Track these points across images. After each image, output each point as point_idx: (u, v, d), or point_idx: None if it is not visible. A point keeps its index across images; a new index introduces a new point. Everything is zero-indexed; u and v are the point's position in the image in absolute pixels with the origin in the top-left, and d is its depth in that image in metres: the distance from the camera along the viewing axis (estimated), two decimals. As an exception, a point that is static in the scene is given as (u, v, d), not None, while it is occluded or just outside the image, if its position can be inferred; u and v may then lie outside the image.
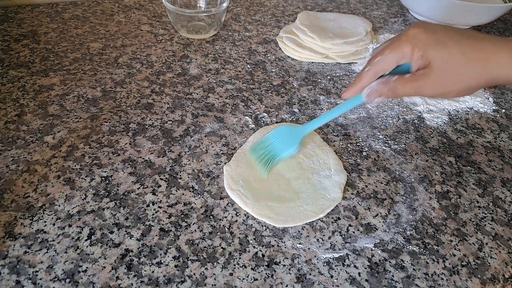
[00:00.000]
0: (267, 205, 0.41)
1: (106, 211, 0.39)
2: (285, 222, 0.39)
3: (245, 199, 0.41)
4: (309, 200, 0.42)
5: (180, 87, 0.57)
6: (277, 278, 0.35)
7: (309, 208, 0.41)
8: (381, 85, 0.38)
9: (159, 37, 0.69)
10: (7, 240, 0.36)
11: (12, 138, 0.46)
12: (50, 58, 0.60)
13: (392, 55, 0.38)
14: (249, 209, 0.40)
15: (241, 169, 0.44)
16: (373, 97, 0.39)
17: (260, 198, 0.41)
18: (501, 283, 0.37)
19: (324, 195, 0.42)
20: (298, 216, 0.40)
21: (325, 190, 0.43)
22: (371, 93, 0.39)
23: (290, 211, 0.40)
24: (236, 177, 0.43)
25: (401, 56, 0.37)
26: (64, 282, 0.33)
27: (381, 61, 0.38)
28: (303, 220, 0.40)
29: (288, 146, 0.45)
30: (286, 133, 0.46)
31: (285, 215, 0.40)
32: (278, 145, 0.45)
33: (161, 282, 0.34)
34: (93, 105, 0.52)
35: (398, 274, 0.36)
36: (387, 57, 0.38)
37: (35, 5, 0.74)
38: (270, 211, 0.40)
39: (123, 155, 0.46)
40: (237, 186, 0.42)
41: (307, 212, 0.40)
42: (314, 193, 0.43)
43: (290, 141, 0.45)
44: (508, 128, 0.56)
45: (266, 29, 0.75)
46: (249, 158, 0.45)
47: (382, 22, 0.83)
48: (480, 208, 0.44)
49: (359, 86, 0.40)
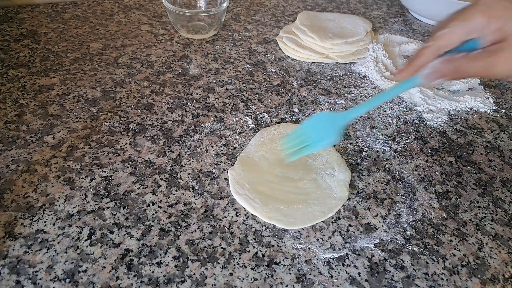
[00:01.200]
0: (275, 207, 0.40)
1: (106, 211, 0.39)
2: (295, 224, 0.39)
3: (253, 203, 0.40)
4: (317, 200, 0.42)
5: (180, 87, 0.57)
6: (277, 278, 0.35)
7: (317, 208, 0.41)
8: (444, 63, 0.33)
9: (159, 37, 0.69)
10: (7, 240, 0.36)
11: (12, 138, 0.46)
12: (50, 58, 0.60)
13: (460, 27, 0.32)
14: (257, 213, 0.40)
15: (246, 172, 0.44)
16: (433, 79, 0.33)
17: (267, 201, 0.41)
18: (501, 283, 0.37)
19: (331, 194, 0.42)
20: (307, 217, 0.40)
21: (331, 189, 0.43)
22: (431, 74, 0.33)
23: (298, 212, 0.40)
24: (242, 181, 0.43)
25: (471, 29, 0.31)
26: (64, 282, 0.33)
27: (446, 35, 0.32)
28: (312, 220, 0.40)
29: (326, 136, 0.40)
30: (324, 122, 0.41)
31: (295, 217, 0.40)
32: (314, 134, 0.41)
33: (161, 282, 0.34)
34: (93, 105, 0.52)
35: (398, 274, 0.36)
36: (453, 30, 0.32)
37: (35, 5, 0.74)
38: (279, 213, 0.40)
39: (123, 155, 0.46)
40: (243, 191, 0.41)
41: (315, 212, 0.40)
42: (321, 192, 0.43)
43: (328, 130, 0.40)
44: (508, 128, 0.56)
45: (266, 29, 0.75)
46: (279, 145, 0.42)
47: (382, 22, 0.83)
48: (480, 208, 0.44)
49: (416, 65, 0.34)
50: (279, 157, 0.46)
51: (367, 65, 0.65)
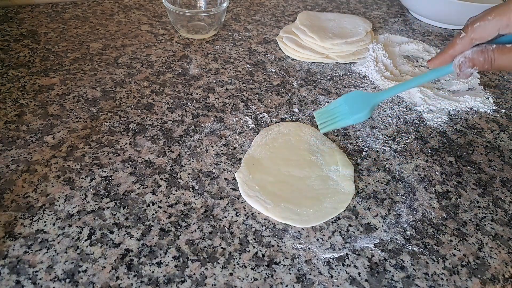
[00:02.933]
0: (287, 207, 0.40)
1: (106, 211, 0.39)
2: (309, 222, 0.39)
3: (265, 204, 0.40)
4: (326, 197, 0.42)
5: (180, 87, 0.57)
6: (277, 278, 0.35)
7: (328, 205, 0.41)
8: (478, 53, 0.34)
9: (159, 37, 0.69)
10: (7, 240, 0.36)
11: (12, 138, 0.46)
12: (50, 58, 0.60)
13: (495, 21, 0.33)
14: (270, 213, 0.40)
15: (253, 174, 0.43)
16: (465, 67, 0.35)
17: (279, 202, 0.41)
18: (501, 283, 0.37)
19: (339, 189, 0.43)
20: (320, 214, 0.40)
21: (338, 184, 0.43)
22: (464, 62, 0.35)
23: (310, 210, 0.40)
24: (251, 183, 0.42)
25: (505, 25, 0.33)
26: (64, 282, 0.33)
27: (481, 27, 0.34)
28: (325, 217, 0.40)
29: (357, 111, 0.43)
30: (357, 99, 0.44)
31: (308, 215, 0.40)
32: (346, 109, 0.43)
33: (161, 282, 0.34)
34: (93, 105, 0.52)
35: (398, 274, 0.36)
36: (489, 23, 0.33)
37: (35, 5, 0.74)
38: (291, 213, 0.40)
39: (123, 155, 0.46)
40: (254, 192, 0.41)
41: (327, 209, 0.41)
42: (329, 188, 0.43)
43: (360, 106, 0.43)
44: (508, 128, 0.56)
45: (266, 29, 0.75)
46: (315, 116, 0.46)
47: (382, 22, 0.83)
48: (480, 208, 0.44)
49: (449, 54, 0.36)
50: (283, 156, 0.46)
51: (367, 65, 0.65)
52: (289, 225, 0.39)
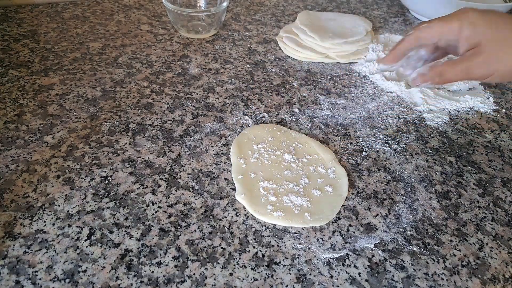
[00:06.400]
0: (301, 212, 0.40)
1: (106, 211, 0.39)
2: (327, 218, 0.40)
3: (280, 214, 0.40)
4: (328, 185, 0.43)
5: (180, 87, 0.57)
6: (277, 278, 0.35)
7: (333, 191, 0.43)
8: (428, 69, 0.37)
9: (159, 37, 0.69)
10: (6, 240, 0.36)
11: (12, 138, 0.46)
12: (50, 58, 0.60)
13: (438, 25, 0.37)
14: (292, 223, 0.40)
15: (251, 192, 0.42)
16: (418, 82, 0.38)
17: (291, 209, 0.41)
18: (501, 283, 0.37)
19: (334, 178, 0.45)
20: (332, 205, 0.41)
21: (329, 173, 0.45)
22: (417, 78, 0.38)
23: (320, 205, 0.41)
24: (256, 200, 0.41)
25: (447, 29, 0.37)
26: (64, 282, 0.33)
27: (426, 28, 0.38)
28: (337, 207, 0.41)
29: None
30: None
31: (322, 211, 0.41)
32: None
33: (161, 282, 0.34)
34: (93, 105, 0.52)
35: (398, 274, 0.36)
36: (433, 26, 0.37)
37: (35, 5, 0.74)
38: (307, 214, 0.40)
39: (122, 155, 0.45)
40: (265, 209, 0.40)
41: (334, 196, 0.42)
42: (327, 177, 0.44)
43: None
44: (508, 128, 0.56)
45: (266, 28, 0.75)
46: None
47: (382, 22, 0.83)
48: (481, 208, 0.44)
49: (398, 50, 0.39)
50: (269, 162, 0.45)
51: (367, 64, 0.65)
52: (289, 226, 0.39)
